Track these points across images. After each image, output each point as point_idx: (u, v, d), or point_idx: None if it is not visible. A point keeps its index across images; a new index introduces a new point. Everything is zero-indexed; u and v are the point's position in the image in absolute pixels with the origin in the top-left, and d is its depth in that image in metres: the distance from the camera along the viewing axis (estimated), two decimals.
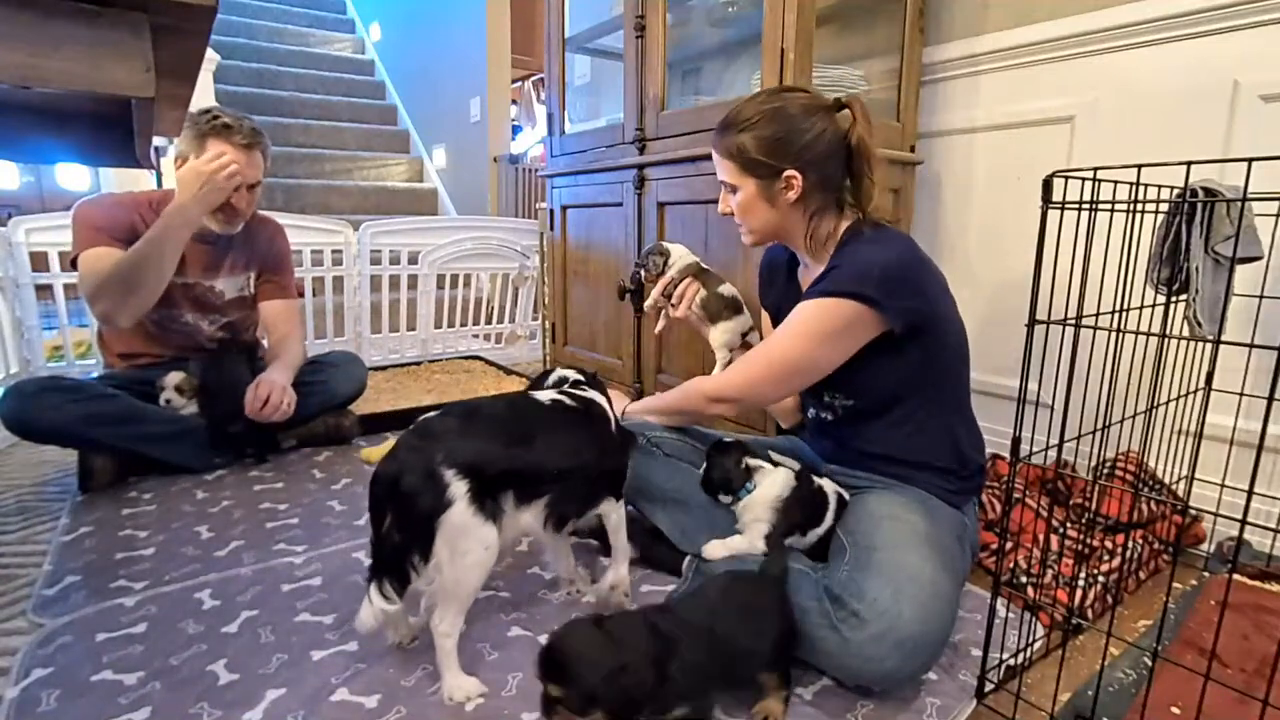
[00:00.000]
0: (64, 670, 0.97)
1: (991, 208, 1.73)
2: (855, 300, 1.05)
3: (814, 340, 1.09)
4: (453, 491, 0.88)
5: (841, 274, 1.07)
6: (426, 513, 0.87)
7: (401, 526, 0.89)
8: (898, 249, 1.09)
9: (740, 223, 1.20)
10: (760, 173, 1.13)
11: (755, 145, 1.11)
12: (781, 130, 1.10)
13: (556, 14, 2.34)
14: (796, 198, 1.13)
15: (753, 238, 1.21)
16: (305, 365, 1.89)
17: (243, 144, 1.61)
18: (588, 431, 1.07)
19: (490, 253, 3.02)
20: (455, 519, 0.88)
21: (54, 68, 0.51)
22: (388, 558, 0.90)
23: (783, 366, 1.13)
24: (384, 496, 0.90)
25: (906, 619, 0.89)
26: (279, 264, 1.91)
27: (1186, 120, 1.39)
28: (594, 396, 1.13)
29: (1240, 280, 1.15)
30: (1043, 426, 1.09)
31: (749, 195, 1.15)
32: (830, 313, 1.07)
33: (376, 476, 0.91)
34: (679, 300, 1.37)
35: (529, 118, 6.22)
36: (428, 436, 0.92)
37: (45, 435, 1.55)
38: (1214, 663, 0.80)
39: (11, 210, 3.59)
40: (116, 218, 1.61)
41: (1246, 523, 0.73)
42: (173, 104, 0.68)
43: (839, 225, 1.16)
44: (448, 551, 0.89)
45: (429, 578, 0.90)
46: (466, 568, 0.90)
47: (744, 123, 1.12)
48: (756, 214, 1.17)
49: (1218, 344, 0.85)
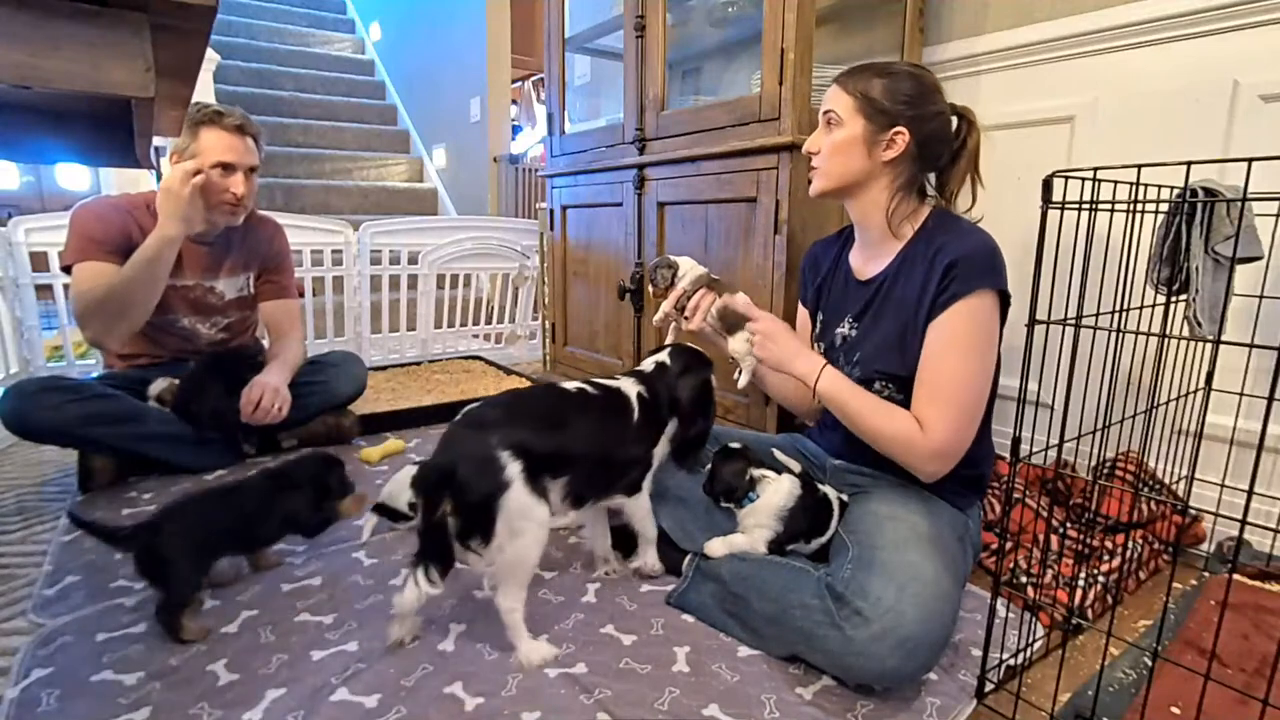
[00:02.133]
0: (64, 670, 0.97)
1: (991, 207, 1.72)
2: (991, 292, 1.06)
3: (986, 347, 1.07)
4: (509, 473, 0.94)
5: (967, 268, 1.05)
6: (487, 496, 0.93)
7: (463, 512, 0.94)
8: (990, 237, 1.10)
9: (819, 164, 1.17)
10: (875, 119, 1.12)
11: (883, 92, 1.11)
12: (914, 91, 1.11)
13: (556, 14, 2.34)
14: (894, 157, 1.12)
15: (825, 182, 1.17)
16: (305, 365, 1.89)
17: (233, 126, 1.61)
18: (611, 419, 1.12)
19: (490, 253, 3.02)
20: (514, 499, 0.94)
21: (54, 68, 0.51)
22: (437, 544, 0.96)
23: (984, 388, 1.08)
24: (438, 485, 0.94)
25: (909, 618, 0.89)
26: (279, 264, 1.91)
27: (1186, 120, 1.39)
28: (618, 385, 1.17)
29: (1240, 280, 1.15)
30: (1043, 426, 1.09)
31: (851, 136, 1.13)
32: (984, 314, 1.06)
33: (426, 468, 0.96)
34: (692, 313, 1.32)
35: (529, 118, 6.22)
36: (478, 424, 0.98)
37: (45, 435, 1.55)
38: (1214, 663, 0.80)
39: (11, 210, 3.59)
40: (112, 226, 1.60)
41: (1246, 523, 0.73)
42: (173, 104, 0.68)
43: (919, 211, 1.17)
44: (508, 532, 0.95)
45: (490, 559, 0.96)
46: (525, 545, 0.97)
47: (882, 71, 1.13)
48: (848, 157, 1.14)
49: (1218, 344, 0.85)
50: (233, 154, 1.62)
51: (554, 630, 1.09)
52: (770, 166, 1.57)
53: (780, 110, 1.55)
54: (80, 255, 1.57)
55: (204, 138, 1.59)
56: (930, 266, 1.09)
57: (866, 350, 1.18)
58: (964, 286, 1.04)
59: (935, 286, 1.07)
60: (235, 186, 1.63)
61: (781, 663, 1.01)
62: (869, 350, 1.17)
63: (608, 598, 1.18)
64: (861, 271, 1.23)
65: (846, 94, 1.13)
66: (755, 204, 1.63)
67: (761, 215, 1.61)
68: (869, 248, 1.22)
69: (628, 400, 1.15)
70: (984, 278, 1.05)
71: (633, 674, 0.98)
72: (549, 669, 0.99)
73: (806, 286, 1.36)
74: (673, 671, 0.99)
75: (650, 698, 0.93)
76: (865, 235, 1.22)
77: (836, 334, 1.24)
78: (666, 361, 1.24)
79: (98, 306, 1.52)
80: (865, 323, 1.19)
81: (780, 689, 0.95)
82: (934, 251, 1.09)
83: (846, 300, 1.24)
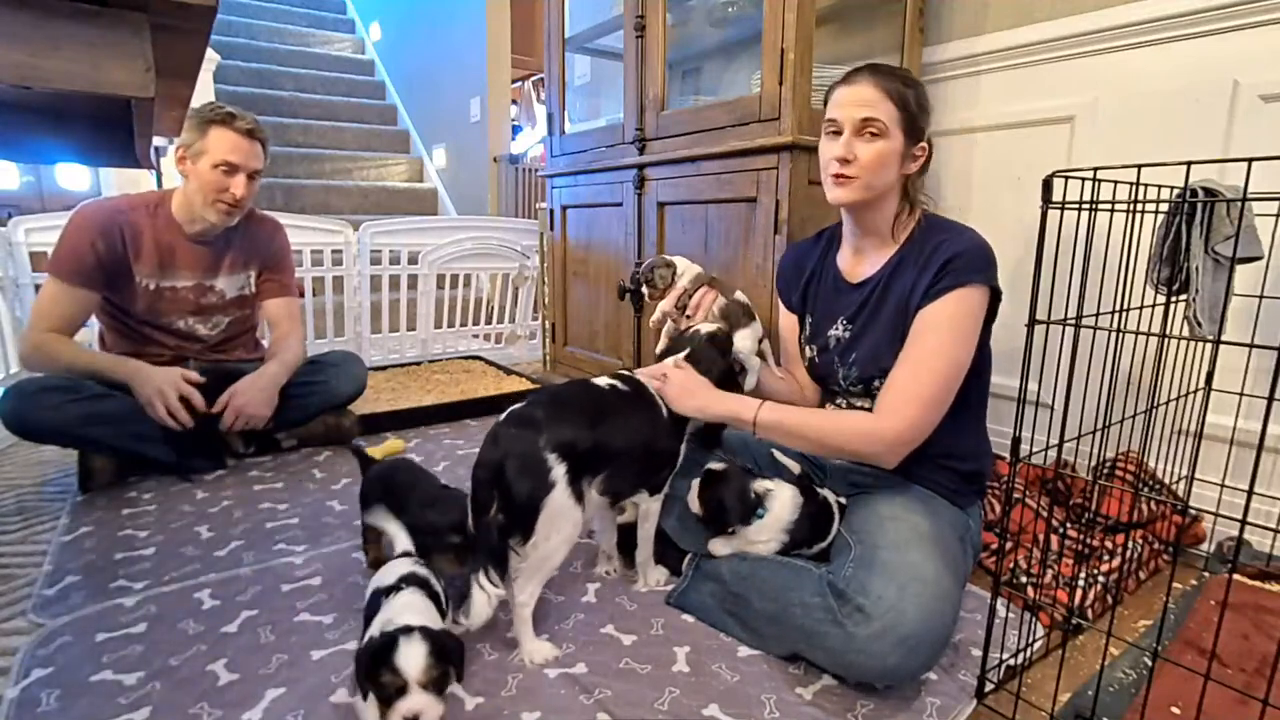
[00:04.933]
0: (64, 670, 0.97)
1: (991, 207, 1.72)
2: (984, 287, 1.06)
3: (969, 336, 1.06)
4: (555, 474, 0.96)
5: (963, 262, 1.06)
6: (532, 495, 0.95)
7: (507, 509, 0.96)
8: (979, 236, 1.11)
9: (856, 175, 1.10)
10: (911, 131, 1.11)
11: (917, 104, 1.10)
12: (927, 102, 1.12)
13: (556, 14, 2.34)
14: (915, 170, 1.13)
15: (860, 194, 1.12)
16: (305, 365, 1.89)
17: (244, 130, 1.63)
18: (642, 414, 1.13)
19: (490, 253, 3.02)
20: (556, 500, 0.96)
21: (54, 68, 0.51)
22: (494, 543, 0.97)
23: (952, 374, 1.05)
24: (489, 483, 0.96)
25: (910, 617, 0.89)
26: (280, 262, 1.91)
27: (1186, 120, 1.39)
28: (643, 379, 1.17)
29: (1240, 280, 1.15)
30: (1043, 426, 1.09)
31: (894, 149, 1.10)
32: (974, 304, 1.06)
33: (481, 463, 0.98)
34: (695, 310, 1.33)
35: (529, 118, 6.22)
36: (526, 423, 0.99)
37: (44, 435, 1.55)
38: (1214, 663, 0.80)
39: (11, 210, 3.58)
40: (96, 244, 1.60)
41: (1246, 523, 0.73)
42: (173, 104, 0.68)
43: (912, 212, 1.17)
44: (546, 530, 0.97)
45: (523, 555, 0.98)
46: (558, 544, 0.99)
47: (907, 80, 1.11)
48: (888, 170, 1.11)
49: (1218, 344, 0.85)
50: (238, 155, 1.62)
51: (554, 630, 1.09)
52: (770, 166, 1.57)
53: (780, 110, 1.55)
54: (54, 269, 1.60)
55: (212, 135, 1.60)
56: (927, 264, 1.09)
57: (863, 351, 1.18)
58: (957, 279, 1.05)
59: (930, 278, 1.08)
60: (236, 188, 1.64)
61: (781, 663, 1.01)
62: (866, 351, 1.17)
63: (608, 598, 1.19)
64: (853, 274, 1.23)
65: (891, 101, 1.08)
66: (755, 204, 1.63)
67: (761, 215, 1.61)
68: (862, 251, 1.22)
69: (655, 396, 1.15)
70: (978, 272, 1.06)
71: (633, 674, 0.99)
72: (549, 669, 0.99)
73: (790, 289, 1.35)
74: (673, 671, 0.99)
75: (650, 698, 0.93)
76: (863, 240, 1.21)
77: (829, 336, 1.24)
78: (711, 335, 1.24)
79: (44, 363, 1.60)
80: (860, 324, 1.19)
81: (780, 689, 0.95)
82: (931, 250, 1.10)
83: (838, 302, 1.24)
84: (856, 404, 1.23)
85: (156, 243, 1.68)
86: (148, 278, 1.69)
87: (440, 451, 1.92)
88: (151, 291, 1.70)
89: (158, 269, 1.70)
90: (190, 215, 1.69)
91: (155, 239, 1.68)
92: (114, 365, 1.62)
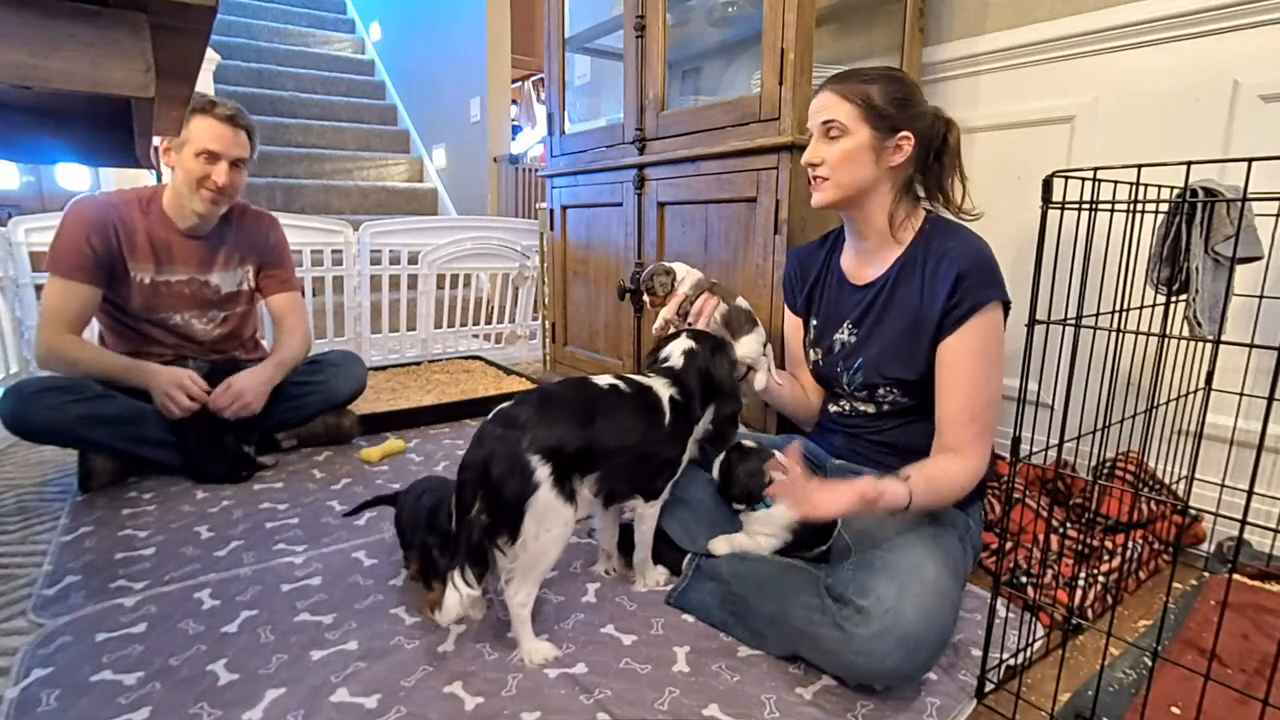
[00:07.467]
0: (64, 670, 0.97)
1: (991, 207, 1.72)
2: (999, 304, 1.08)
3: (1001, 358, 1.09)
4: (538, 476, 0.96)
5: (975, 281, 1.06)
6: (516, 496, 0.95)
7: (492, 510, 0.96)
8: (983, 242, 1.11)
9: (827, 176, 1.14)
10: (879, 125, 1.11)
11: (882, 96, 1.10)
12: (904, 92, 1.12)
13: (556, 14, 2.34)
14: (901, 162, 1.13)
15: (837, 193, 1.15)
16: (305, 365, 1.89)
17: (224, 116, 1.63)
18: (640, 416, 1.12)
19: (490, 253, 3.02)
20: (542, 500, 0.96)
21: (54, 68, 0.51)
22: (473, 543, 0.96)
23: (998, 398, 1.09)
24: (473, 482, 0.96)
25: (910, 617, 0.89)
26: (279, 257, 1.91)
27: (1186, 120, 1.39)
28: (649, 383, 1.15)
29: (1240, 280, 1.15)
30: (1043, 426, 1.09)
31: (858, 144, 1.11)
32: (997, 325, 1.08)
33: (466, 464, 0.98)
34: (696, 316, 1.32)
35: (529, 118, 6.22)
36: (510, 424, 0.99)
37: (44, 435, 1.55)
38: (1214, 663, 0.80)
39: (11, 210, 3.58)
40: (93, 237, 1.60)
41: (1246, 523, 0.73)
42: (173, 104, 0.68)
43: (915, 215, 1.17)
44: (534, 530, 0.97)
45: (513, 555, 0.98)
46: (548, 543, 0.99)
47: (869, 75, 1.12)
48: (856, 167, 1.12)
49: (1218, 344, 0.85)
50: (218, 143, 1.62)
51: (554, 630, 1.09)
52: (770, 166, 1.57)
53: (780, 110, 1.54)
54: (54, 267, 1.60)
55: (193, 124, 1.60)
56: (935, 272, 1.09)
57: (869, 356, 1.18)
58: (976, 301, 1.06)
59: (945, 297, 1.07)
60: (218, 175, 1.64)
61: (781, 663, 1.01)
62: (873, 356, 1.17)
63: (608, 598, 1.19)
64: (858, 276, 1.22)
65: (847, 101, 1.11)
66: (755, 204, 1.63)
67: (761, 215, 1.61)
68: (865, 253, 1.22)
69: (659, 400, 1.14)
70: (992, 289, 1.06)
71: (633, 674, 0.99)
72: (549, 669, 0.99)
73: (795, 292, 1.35)
74: (673, 671, 0.99)
75: (650, 698, 0.93)
76: (863, 242, 1.21)
77: (835, 340, 1.24)
78: (695, 348, 1.21)
79: (61, 365, 1.61)
80: (865, 328, 1.19)
81: (780, 689, 0.95)
82: (938, 257, 1.10)
83: (842, 305, 1.24)
84: (860, 408, 1.23)
85: (150, 238, 1.68)
86: (143, 273, 1.69)
87: (440, 451, 1.92)
88: (147, 286, 1.70)
89: (152, 264, 1.69)
90: (180, 209, 1.69)
91: (149, 234, 1.68)
92: (128, 369, 1.63)
